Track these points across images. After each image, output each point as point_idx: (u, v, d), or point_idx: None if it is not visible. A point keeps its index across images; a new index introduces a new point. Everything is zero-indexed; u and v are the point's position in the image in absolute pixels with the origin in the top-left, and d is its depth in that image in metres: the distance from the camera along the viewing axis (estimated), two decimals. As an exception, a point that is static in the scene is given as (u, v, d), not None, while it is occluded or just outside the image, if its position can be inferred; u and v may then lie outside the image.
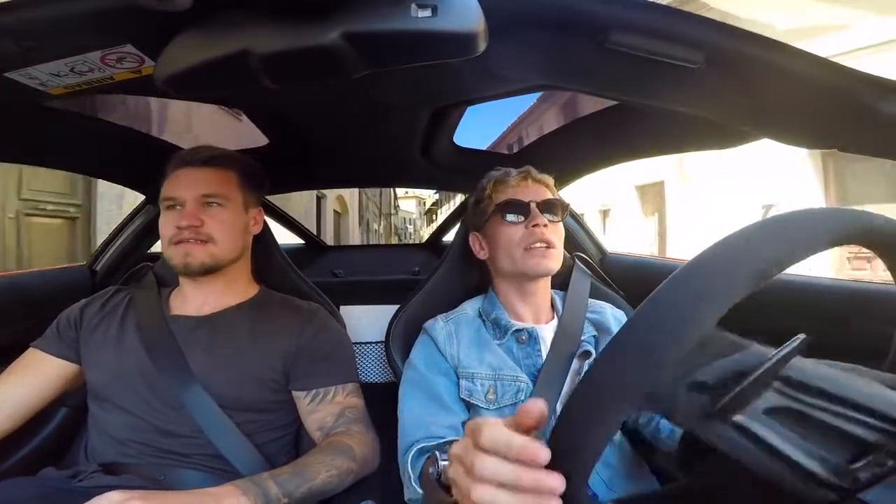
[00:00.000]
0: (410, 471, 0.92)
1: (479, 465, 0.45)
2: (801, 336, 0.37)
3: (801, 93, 0.71)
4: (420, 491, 0.80)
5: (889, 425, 0.36)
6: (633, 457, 1.07)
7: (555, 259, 1.09)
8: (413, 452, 0.96)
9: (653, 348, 0.36)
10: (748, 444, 0.38)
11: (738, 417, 0.38)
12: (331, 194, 12.76)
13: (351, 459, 1.01)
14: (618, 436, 1.07)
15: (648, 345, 0.37)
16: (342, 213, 15.57)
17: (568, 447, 0.40)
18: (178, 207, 1.10)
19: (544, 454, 0.41)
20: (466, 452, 0.48)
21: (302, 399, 1.13)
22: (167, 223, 1.11)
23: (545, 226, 1.08)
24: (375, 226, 24.30)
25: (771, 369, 0.37)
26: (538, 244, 1.07)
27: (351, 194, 16.10)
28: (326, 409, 1.11)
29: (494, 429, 0.46)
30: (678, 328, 0.36)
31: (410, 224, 46.85)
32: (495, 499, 0.44)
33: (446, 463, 0.62)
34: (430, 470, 0.69)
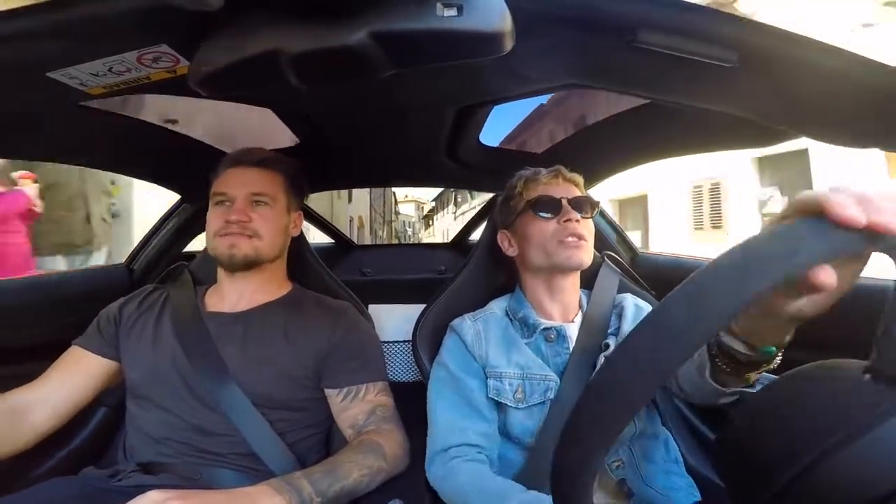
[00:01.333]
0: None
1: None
2: None
3: (840, 91, 0.69)
4: None
5: None
6: (675, 456, 1.08)
7: (587, 253, 1.09)
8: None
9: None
10: None
11: None
12: (356, 215, 17.52)
13: (382, 458, 1.02)
14: (663, 434, 1.10)
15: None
16: (360, 226, 20.67)
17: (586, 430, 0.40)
18: (227, 203, 1.14)
19: None
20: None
21: (334, 397, 1.14)
22: (216, 216, 1.15)
23: (577, 221, 1.08)
24: (381, 232, 26.37)
25: None
26: (571, 238, 1.07)
27: (365, 212, 21.22)
28: (358, 406, 1.12)
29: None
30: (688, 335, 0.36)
31: (410, 227, 47.21)
32: None
33: None
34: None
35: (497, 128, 1.50)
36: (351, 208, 18.47)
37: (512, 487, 0.92)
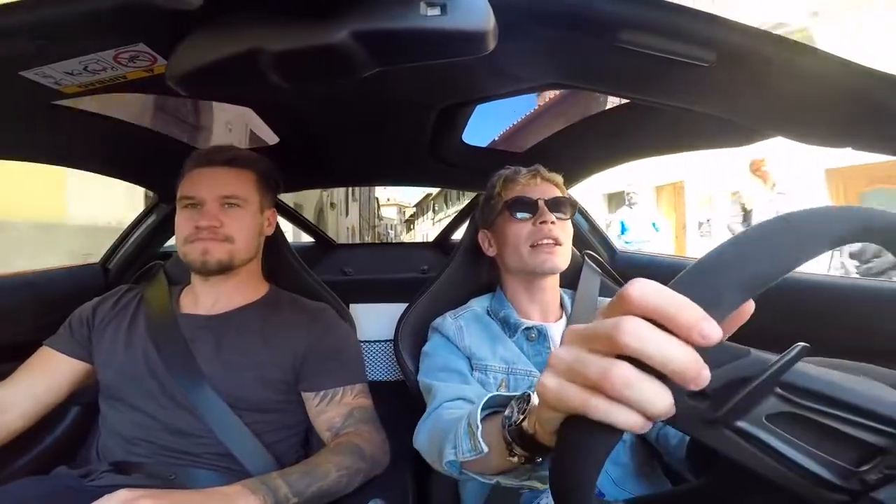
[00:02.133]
0: (470, 422, 0.72)
1: (631, 324, 0.34)
2: (801, 344, 0.37)
3: (815, 91, 0.71)
4: (485, 448, 0.66)
5: (891, 428, 0.36)
6: (644, 456, 1.07)
7: (561, 256, 1.09)
8: (454, 406, 0.93)
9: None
10: (753, 449, 0.38)
11: (740, 423, 0.38)
12: (350, 226, 22.07)
13: (360, 459, 1.01)
14: (629, 436, 1.07)
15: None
16: (353, 234, 23.71)
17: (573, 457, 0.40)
18: (197, 206, 1.10)
19: (717, 332, 0.33)
20: (597, 325, 0.36)
21: (311, 400, 1.13)
22: (185, 221, 1.11)
23: (553, 223, 1.08)
24: (366, 237, 29.13)
25: (772, 376, 0.36)
26: (545, 241, 1.07)
27: (356, 221, 24.86)
28: (335, 409, 1.11)
29: (653, 283, 0.35)
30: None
31: (392, 229, 47.87)
32: (638, 386, 0.34)
33: (532, 402, 0.54)
34: (507, 413, 0.58)
35: (480, 127, 1.49)
36: (347, 220, 21.86)
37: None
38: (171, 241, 1.71)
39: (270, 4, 0.56)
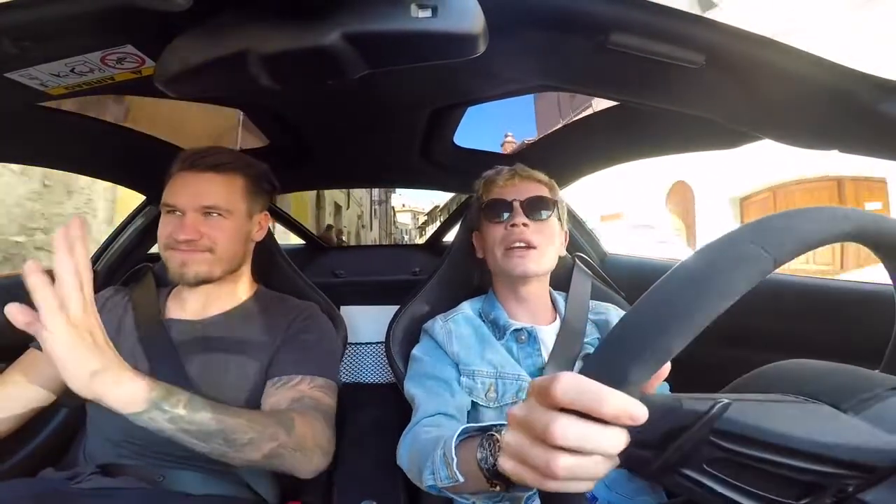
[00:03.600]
0: (446, 453, 0.74)
1: (560, 429, 0.37)
2: (725, 400, 0.38)
3: (801, 93, 0.71)
4: (462, 478, 0.70)
5: (827, 467, 0.37)
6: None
7: (534, 260, 1.07)
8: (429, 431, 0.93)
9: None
10: (699, 490, 0.39)
11: (684, 470, 0.39)
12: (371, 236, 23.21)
13: (285, 431, 0.90)
14: None
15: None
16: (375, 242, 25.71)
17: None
18: (177, 214, 1.07)
19: (643, 412, 0.36)
20: (534, 414, 0.40)
21: (268, 388, 1.06)
22: (165, 228, 1.08)
23: (525, 225, 1.07)
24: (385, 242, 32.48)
25: (705, 425, 0.37)
26: (517, 244, 1.06)
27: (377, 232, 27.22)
28: (284, 393, 1.03)
29: (576, 379, 0.38)
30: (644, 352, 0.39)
31: (406, 234, 48.32)
32: (579, 467, 0.38)
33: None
34: (480, 455, 0.63)
35: (471, 129, 1.50)
36: (372, 233, 26.24)
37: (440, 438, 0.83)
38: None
39: (260, 5, 0.56)
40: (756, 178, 5.85)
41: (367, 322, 1.84)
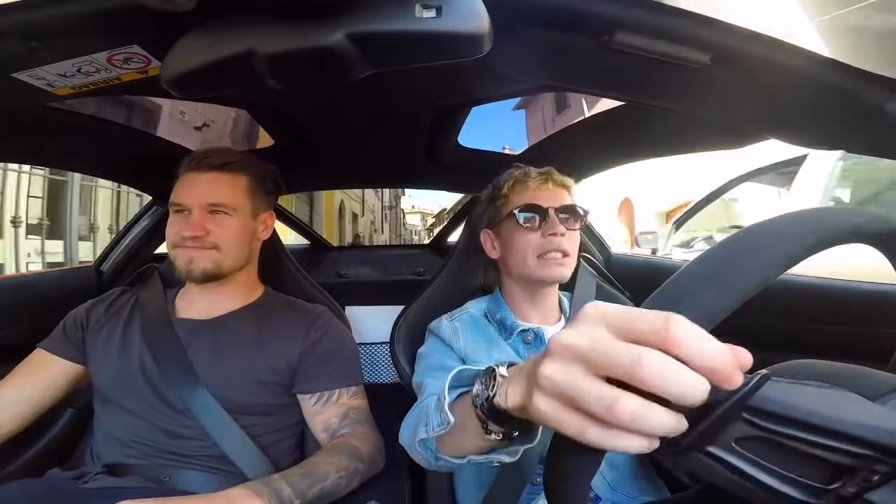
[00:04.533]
0: (439, 397, 0.69)
1: (656, 365, 0.32)
2: (763, 372, 0.37)
3: (808, 93, 0.71)
4: (452, 418, 0.64)
5: (860, 448, 0.36)
6: (640, 459, 1.06)
7: (568, 268, 1.08)
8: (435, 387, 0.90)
9: None
10: (724, 471, 0.38)
11: (711, 448, 0.38)
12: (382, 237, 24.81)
13: (358, 460, 1.02)
14: None
15: None
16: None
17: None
18: (184, 212, 1.09)
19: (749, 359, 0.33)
20: (607, 346, 0.34)
21: (307, 402, 1.13)
22: (173, 227, 1.10)
23: (563, 235, 1.05)
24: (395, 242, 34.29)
25: (738, 401, 0.36)
26: (554, 253, 1.05)
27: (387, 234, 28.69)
28: (331, 410, 1.11)
29: (692, 327, 0.33)
30: None
31: (416, 234, 48.81)
32: (645, 418, 0.33)
33: (505, 376, 0.51)
34: (476, 389, 0.55)
35: (476, 129, 1.50)
36: (383, 236, 28.07)
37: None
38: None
39: (265, 6, 0.56)
40: (677, 195, 6.09)
41: (372, 322, 1.84)
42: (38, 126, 1.03)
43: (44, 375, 1.10)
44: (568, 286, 1.24)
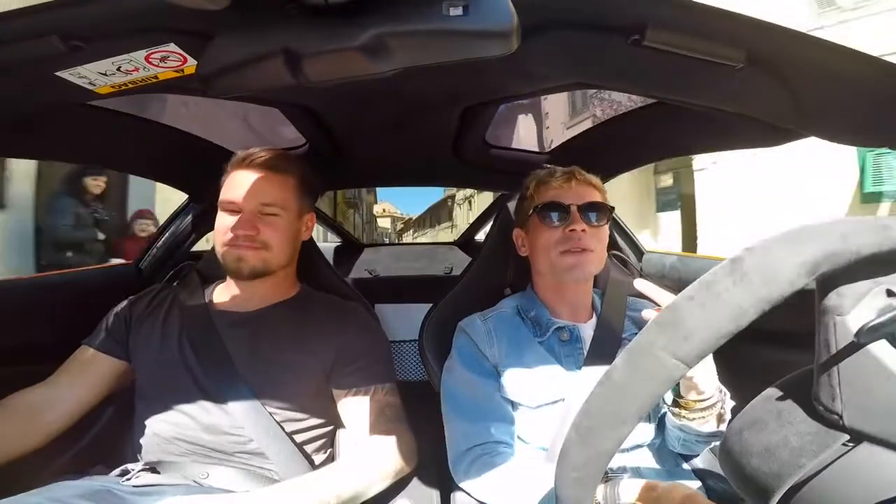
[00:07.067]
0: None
1: None
2: None
3: (847, 90, 0.69)
4: None
5: None
6: (673, 458, 1.06)
7: (593, 264, 1.08)
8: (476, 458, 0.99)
9: None
10: None
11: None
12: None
13: (391, 460, 1.03)
14: (657, 438, 1.06)
15: None
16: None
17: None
18: (235, 210, 1.11)
19: None
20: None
21: (342, 398, 1.14)
22: (223, 226, 1.11)
23: (584, 231, 1.05)
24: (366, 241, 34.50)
25: None
26: (574, 248, 1.05)
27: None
28: (367, 407, 1.11)
29: None
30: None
31: (387, 237, 49.49)
32: None
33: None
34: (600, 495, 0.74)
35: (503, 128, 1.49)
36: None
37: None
38: (202, 242, 1.74)
39: (297, 6, 0.57)
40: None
41: (401, 320, 1.85)
42: (77, 125, 1.06)
43: (90, 372, 1.12)
44: (599, 283, 1.23)
